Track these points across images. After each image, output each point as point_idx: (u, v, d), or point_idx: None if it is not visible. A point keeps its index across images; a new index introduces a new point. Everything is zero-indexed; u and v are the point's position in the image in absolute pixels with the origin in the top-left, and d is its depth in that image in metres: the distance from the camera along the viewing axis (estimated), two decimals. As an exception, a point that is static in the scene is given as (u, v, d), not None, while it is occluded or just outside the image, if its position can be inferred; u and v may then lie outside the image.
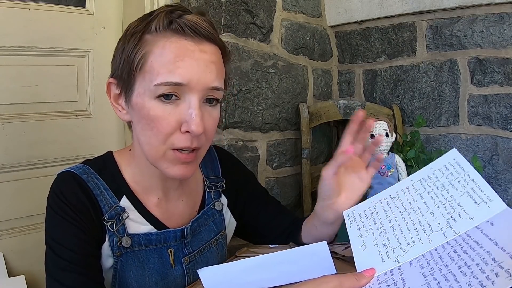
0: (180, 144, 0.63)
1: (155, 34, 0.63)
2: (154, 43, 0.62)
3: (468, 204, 0.54)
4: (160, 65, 0.61)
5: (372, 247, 0.57)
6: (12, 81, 1.12)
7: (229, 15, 1.40)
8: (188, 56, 0.62)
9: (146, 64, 0.62)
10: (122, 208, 0.70)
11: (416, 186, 0.63)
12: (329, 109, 1.71)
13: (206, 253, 0.80)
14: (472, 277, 0.42)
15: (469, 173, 0.58)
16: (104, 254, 0.69)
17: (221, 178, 0.86)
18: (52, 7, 1.19)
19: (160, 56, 0.61)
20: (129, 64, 0.64)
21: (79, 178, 0.69)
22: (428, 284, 0.45)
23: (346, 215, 0.67)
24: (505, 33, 1.48)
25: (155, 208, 0.75)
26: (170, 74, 0.60)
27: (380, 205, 0.63)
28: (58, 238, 0.65)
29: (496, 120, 1.52)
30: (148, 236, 0.72)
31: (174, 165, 0.66)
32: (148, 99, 0.62)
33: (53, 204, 0.67)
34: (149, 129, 0.63)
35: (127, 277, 0.70)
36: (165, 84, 0.61)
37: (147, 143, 0.65)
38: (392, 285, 0.49)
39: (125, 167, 0.74)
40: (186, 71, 0.61)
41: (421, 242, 0.53)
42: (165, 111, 0.62)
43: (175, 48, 0.62)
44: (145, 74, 0.62)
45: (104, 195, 0.69)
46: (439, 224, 0.54)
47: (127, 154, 0.75)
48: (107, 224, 0.68)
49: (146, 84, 0.62)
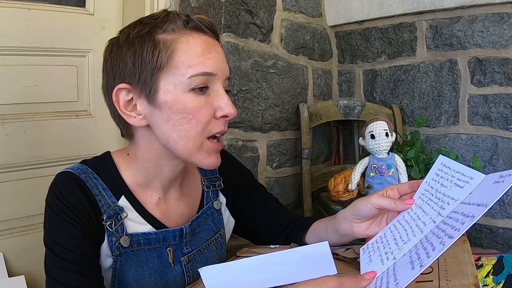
0: (217, 129, 0.68)
1: (173, 33, 0.66)
2: (176, 41, 0.65)
3: (455, 192, 0.58)
4: (190, 59, 0.65)
5: (376, 258, 0.59)
6: (12, 81, 1.12)
7: (229, 15, 1.40)
8: (212, 49, 0.68)
9: (172, 61, 0.65)
10: (120, 208, 0.70)
11: (417, 202, 0.66)
12: (329, 109, 1.71)
13: (206, 252, 0.81)
14: (444, 236, 0.48)
15: (454, 168, 0.62)
16: (103, 254, 0.69)
17: (219, 177, 0.87)
18: (52, 7, 1.19)
19: (187, 51, 0.65)
20: (150, 65, 0.64)
21: (77, 178, 0.69)
22: (410, 258, 0.51)
23: (361, 249, 0.68)
24: (505, 33, 1.48)
25: (155, 207, 0.75)
26: (202, 65, 0.65)
27: (388, 230, 0.67)
28: (57, 238, 0.65)
29: (496, 120, 1.52)
30: (147, 236, 0.72)
31: (210, 155, 0.69)
32: (182, 93, 0.65)
33: (52, 204, 0.67)
34: (186, 122, 0.66)
35: (127, 276, 0.70)
36: (200, 74, 0.65)
37: (183, 137, 0.67)
38: (385, 276, 0.52)
39: (124, 168, 0.74)
40: (215, 62, 0.67)
41: (415, 236, 0.56)
42: (201, 101, 0.66)
43: (200, 42, 0.67)
44: (172, 71, 0.65)
45: (102, 195, 0.69)
46: (431, 218, 0.57)
47: (125, 157, 0.75)
48: (106, 223, 0.68)
49: (176, 79, 0.65)
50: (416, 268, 0.47)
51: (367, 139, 1.26)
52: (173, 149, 0.68)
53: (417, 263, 0.48)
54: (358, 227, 0.71)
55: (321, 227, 0.82)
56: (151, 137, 0.70)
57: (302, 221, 0.89)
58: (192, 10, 1.37)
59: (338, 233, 0.74)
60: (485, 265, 0.85)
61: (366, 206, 0.68)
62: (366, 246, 0.68)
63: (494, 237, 1.52)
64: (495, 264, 0.84)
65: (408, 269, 0.49)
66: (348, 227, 0.72)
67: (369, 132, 1.25)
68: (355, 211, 0.71)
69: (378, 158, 1.26)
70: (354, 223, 0.71)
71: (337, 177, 1.38)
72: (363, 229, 0.70)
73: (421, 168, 1.37)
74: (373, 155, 1.27)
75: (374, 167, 1.26)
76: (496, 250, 1.51)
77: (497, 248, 1.51)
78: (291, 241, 0.86)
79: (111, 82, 0.68)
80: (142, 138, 0.71)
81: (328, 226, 0.78)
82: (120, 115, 0.68)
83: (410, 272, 0.47)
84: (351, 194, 1.33)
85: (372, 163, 1.27)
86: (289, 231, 0.89)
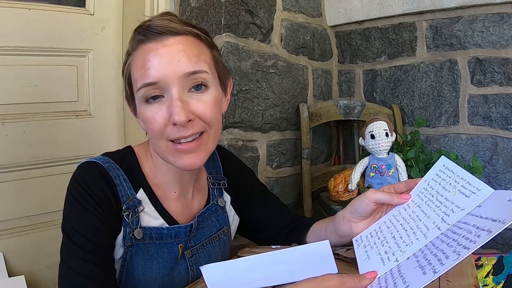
0: (173, 135, 0.67)
1: (132, 53, 0.70)
2: (132, 59, 0.70)
3: (460, 200, 0.57)
4: (136, 72, 0.68)
5: (375, 257, 0.59)
6: (12, 81, 1.12)
7: (229, 15, 1.40)
8: (152, 55, 0.66)
9: (132, 79, 0.70)
10: (139, 201, 0.72)
11: (415, 200, 0.66)
12: (329, 109, 1.71)
13: (209, 247, 0.82)
14: (457, 245, 0.48)
15: (458, 173, 0.62)
16: (117, 245, 0.70)
17: (223, 177, 0.88)
18: (52, 7, 1.19)
19: (135, 66, 0.68)
20: (128, 84, 0.72)
21: (101, 167, 0.70)
22: (418, 262, 0.50)
23: (354, 240, 0.69)
24: (505, 33, 1.48)
25: (171, 202, 0.77)
26: (143, 77, 0.66)
27: (384, 224, 0.67)
28: (76, 225, 0.66)
29: (496, 120, 1.52)
30: (159, 231, 0.73)
31: (180, 157, 0.68)
32: (140, 105, 0.69)
33: (74, 192, 0.68)
34: (148, 130, 0.69)
35: (135, 268, 0.71)
36: (142, 87, 0.66)
37: (152, 142, 0.73)
38: (390, 277, 0.52)
39: (144, 161, 0.77)
40: (154, 69, 0.65)
41: (418, 240, 0.56)
42: (152, 111, 0.67)
43: (141, 53, 0.67)
44: (133, 87, 0.69)
45: (123, 186, 0.71)
46: (435, 223, 0.57)
47: (147, 150, 0.78)
48: (124, 214, 0.70)
49: (136, 95, 0.69)
50: (429, 273, 0.47)
51: (367, 139, 1.26)
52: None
53: (428, 269, 0.48)
54: (357, 227, 0.71)
55: (321, 227, 0.83)
56: None
57: (303, 221, 0.90)
58: (192, 10, 1.37)
59: (337, 234, 0.75)
60: (485, 265, 0.85)
61: (363, 201, 0.69)
62: (359, 237, 0.69)
63: (494, 237, 1.52)
64: (495, 264, 0.84)
65: (418, 273, 0.48)
66: (347, 227, 0.72)
67: (369, 132, 1.25)
68: (353, 209, 0.71)
69: (378, 158, 1.26)
70: (353, 223, 0.71)
71: (337, 177, 1.38)
72: (362, 228, 0.71)
73: (421, 168, 1.37)
74: (373, 155, 1.27)
75: (374, 167, 1.26)
76: (496, 250, 1.50)
77: (497, 248, 1.51)
78: (292, 241, 0.86)
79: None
80: None
81: (327, 227, 0.79)
82: None
83: (422, 277, 0.47)
84: (351, 194, 1.33)
85: (372, 163, 1.27)
86: (289, 230, 0.90)
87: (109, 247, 0.68)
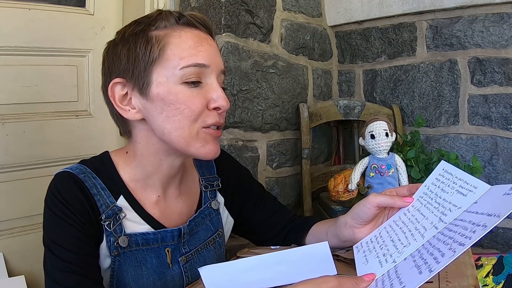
0: (211, 120, 0.69)
1: (165, 29, 0.68)
2: (168, 35, 0.67)
3: (457, 199, 0.58)
4: (182, 51, 0.67)
5: (373, 260, 0.59)
6: (12, 81, 1.12)
7: (229, 15, 1.40)
8: (204, 42, 0.69)
9: (164, 54, 0.66)
10: (119, 208, 0.70)
11: (415, 204, 0.66)
12: (329, 109, 1.71)
13: (204, 252, 0.81)
14: (453, 243, 0.48)
15: (456, 175, 0.62)
16: (102, 254, 0.69)
17: (217, 177, 0.87)
18: (52, 7, 1.19)
19: (179, 44, 0.67)
20: (143, 59, 0.67)
21: (76, 177, 0.69)
22: (415, 262, 0.51)
23: (355, 247, 0.69)
24: (505, 33, 1.48)
25: (154, 206, 0.75)
26: (194, 57, 0.67)
27: (384, 230, 0.67)
28: (55, 238, 0.65)
29: (496, 120, 1.52)
30: (145, 236, 0.72)
31: (207, 143, 0.69)
32: (174, 85, 0.67)
33: (51, 204, 0.67)
34: (179, 112, 0.67)
35: (125, 277, 0.70)
36: (191, 65, 0.66)
37: (177, 128, 0.68)
38: (387, 278, 0.52)
39: (122, 167, 0.74)
40: (207, 54, 0.68)
41: (416, 240, 0.56)
42: (193, 93, 0.67)
43: (192, 36, 0.68)
44: (164, 64, 0.66)
45: (101, 195, 0.70)
46: (432, 223, 0.57)
47: (124, 155, 0.75)
48: (104, 223, 0.68)
49: (168, 72, 0.66)
50: (425, 272, 0.47)
51: (367, 139, 1.26)
52: (169, 141, 0.69)
53: (424, 268, 0.48)
54: (359, 232, 0.70)
55: (321, 230, 0.82)
56: (148, 132, 0.71)
57: (302, 222, 0.89)
58: (192, 10, 1.37)
59: (339, 239, 0.74)
60: (485, 265, 0.85)
61: (365, 206, 0.68)
62: (360, 244, 0.69)
63: (494, 237, 1.53)
64: (495, 264, 0.84)
65: (414, 273, 0.48)
66: (350, 233, 0.71)
67: (369, 132, 1.25)
68: (355, 215, 0.70)
69: (378, 158, 1.26)
70: (356, 229, 0.70)
71: (337, 177, 1.38)
72: (364, 234, 0.70)
73: (421, 168, 1.37)
74: (373, 155, 1.27)
75: (374, 167, 1.26)
76: (496, 250, 1.51)
77: (497, 248, 1.51)
78: (291, 242, 0.86)
79: (108, 79, 0.70)
80: (140, 134, 0.72)
81: (328, 230, 0.78)
82: (117, 110, 0.70)
83: (418, 276, 0.47)
84: (351, 194, 1.33)
85: (372, 163, 1.27)
86: (288, 230, 0.89)
87: (92, 256, 0.67)
